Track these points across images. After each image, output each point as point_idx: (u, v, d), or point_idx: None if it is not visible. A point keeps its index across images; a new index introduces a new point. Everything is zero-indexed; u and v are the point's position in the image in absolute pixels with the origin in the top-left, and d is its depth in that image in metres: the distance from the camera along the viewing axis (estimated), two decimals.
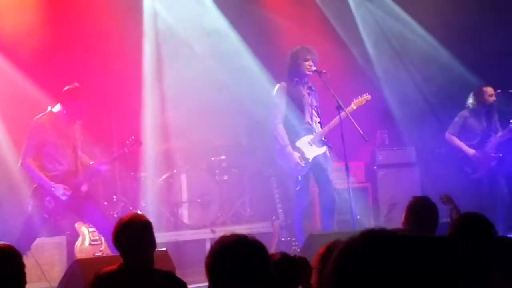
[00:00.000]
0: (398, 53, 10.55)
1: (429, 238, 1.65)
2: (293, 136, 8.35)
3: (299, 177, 8.34)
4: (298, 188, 8.38)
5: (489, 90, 9.17)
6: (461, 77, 10.07)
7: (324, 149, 8.44)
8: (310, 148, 8.38)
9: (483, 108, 9.23)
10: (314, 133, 8.41)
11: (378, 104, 9.71)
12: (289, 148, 8.27)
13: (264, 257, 2.91)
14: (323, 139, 8.46)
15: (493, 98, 9.15)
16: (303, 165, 8.29)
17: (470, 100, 9.29)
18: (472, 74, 9.87)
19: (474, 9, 9.85)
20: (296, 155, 8.27)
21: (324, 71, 8.22)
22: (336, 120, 8.25)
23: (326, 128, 8.39)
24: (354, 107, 8.41)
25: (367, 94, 8.59)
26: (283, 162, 8.41)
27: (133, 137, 7.74)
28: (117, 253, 4.47)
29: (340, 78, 9.04)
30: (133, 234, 4.29)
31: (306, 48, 8.34)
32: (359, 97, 8.52)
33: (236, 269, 2.86)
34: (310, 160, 8.34)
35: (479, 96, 9.22)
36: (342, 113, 8.16)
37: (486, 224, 3.96)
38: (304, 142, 8.38)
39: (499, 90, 9.10)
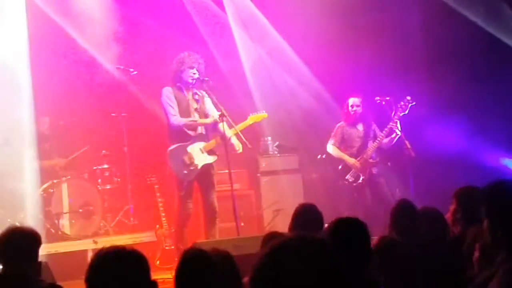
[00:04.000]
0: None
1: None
2: (184, 140, 8.33)
3: (185, 182, 8.31)
4: (183, 193, 8.33)
5: (353, 100, 9.48)
6: (338, 88, 10.35)
7: (214, 158, 8.45)
8: (201, 155, 8.37)
9: (358, 117, 9.50)
10: (207, 141, 8.41)
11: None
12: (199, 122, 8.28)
13: (144, 269, 2.88)
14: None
15: (359, 106, 9.44)
16: (192, 168, 8.29)
17: (344, 111, 9.60)
18: (349, 85, 10.10)
19: (343, 32, 10.11)
20: (189, 156, 8.27)
21: (206, 78, 8.25)
22: (228, 131, 8.27)
23: (218, 138, 8.38)
24: (250, 122, 8.50)
25: (263, 111, 8.68)
26: (174, 165, 8.34)
27: None
28: None
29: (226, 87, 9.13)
30: (23, 241, 4.21)
31: (192, 56, 8.34)
32: (256, 112, 8.58)
33: (114, 282, 2.83)
34: (199, 167, 8.33)
35: (346, 105, 9.54)
36: (225, 121, 8.19)
37: (360, 228, 4.03)
38: (196, 149, 8.37)
39: (377, 98, 9.36)
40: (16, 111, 9.25)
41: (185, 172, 8.28)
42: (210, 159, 8.43)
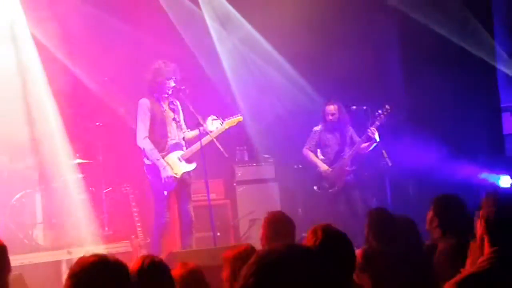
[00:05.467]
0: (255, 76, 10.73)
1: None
2: (160, 151, 8.25)
3: (165, 192, 8.25)
4: (161, 203, 8.26)
5: (329, 108, 9.49)
6: (313, 96, 10.38)
7: (193, 166, 8.40)
8: (180, 164, 8.31)
9: (334, 123, 9.51)
10: (184, 149, 8.36)
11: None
12: (162, 162, 8.16)
13: (125, 277, 2.84)
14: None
15: (335, 114, 9.43)
16: (174, 178, 8.22)
17: (321, 116, 9.61)
18: (326, 93, 10.12)
19: (320, 41, 10.12)
20: (170, 168, 8.19)
21: (183, 87, 8.19)
22: (205, 139, 8.21)
23: (194, 147, 8.32)
24: (226, 127, 8.44)
25: (239, 115, 8.64)
26: (152, 177, 8.27)
27: None
28: None
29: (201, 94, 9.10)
30: None
31: (169, 65, 8.24)
32: (231, 117, 8.53)
33: None
34: (178, 176, 8.27)
35: (323, 112, 9.54)
36: (202, 130, 8.15)
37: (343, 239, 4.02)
38: (173, 158, 8.30)
39: (354, 107, 9.39)
40: None
41: (164, 183, 8.22)
42: (189, 167, 8.38)
